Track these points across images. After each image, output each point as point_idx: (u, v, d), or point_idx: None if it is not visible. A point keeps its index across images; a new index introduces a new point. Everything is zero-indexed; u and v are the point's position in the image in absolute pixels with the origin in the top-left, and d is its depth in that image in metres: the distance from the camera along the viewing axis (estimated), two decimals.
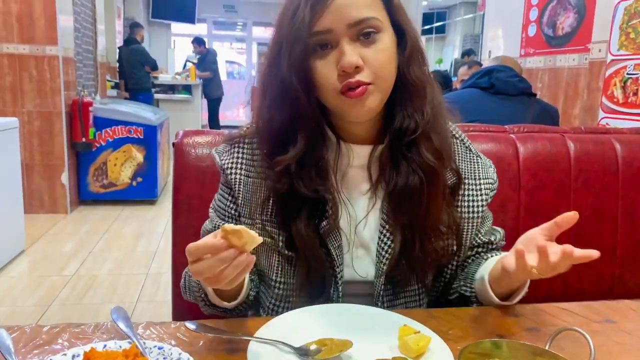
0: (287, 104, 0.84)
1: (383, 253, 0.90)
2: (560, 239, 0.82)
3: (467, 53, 7.98)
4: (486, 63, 2.53)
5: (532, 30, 3.81)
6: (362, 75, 0.80)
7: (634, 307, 0.92)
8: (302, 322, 0.77)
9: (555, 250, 0.73)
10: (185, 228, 1.21)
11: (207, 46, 8.51)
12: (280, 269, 0.91)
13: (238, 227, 0.66)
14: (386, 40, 0.83)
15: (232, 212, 0.94)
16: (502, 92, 2.23)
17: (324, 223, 0.87)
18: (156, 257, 3.45)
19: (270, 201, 0.89)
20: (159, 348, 0.68)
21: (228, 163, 0.94)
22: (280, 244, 0.89)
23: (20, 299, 2.86)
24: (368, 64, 0.80)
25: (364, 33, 0.80)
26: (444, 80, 4.09)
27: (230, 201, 0.94)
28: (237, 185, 0.92)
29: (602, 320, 0.86)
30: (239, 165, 0.93)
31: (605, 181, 1.44)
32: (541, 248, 0.73)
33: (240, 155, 0.94)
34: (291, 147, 0.85)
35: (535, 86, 3.58)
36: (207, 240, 0.68)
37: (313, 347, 0.70)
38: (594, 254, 0.73)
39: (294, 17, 0.80)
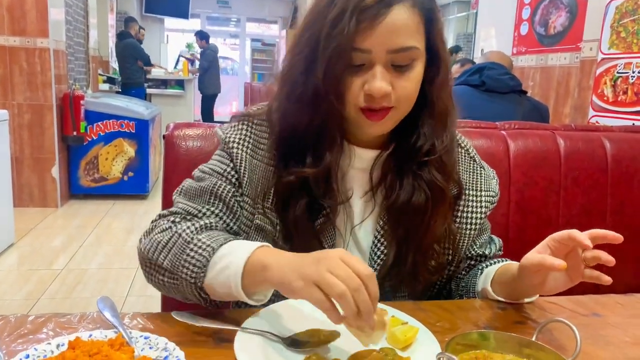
0: (318, 114, 0.81)
1: (375, 259, 0.90)
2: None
3: (453, 50, 7.94)
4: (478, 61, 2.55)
5: (524, 29, 3.83)
6: (387, 101, 0.79)
7: (620, 302, 0.93)
8: (290, 313, 0.77)
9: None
10: None
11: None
12: None
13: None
14: (418, 68, 0.81)
15: (233, 179, 0.89)
16: (493, 90, 2.24)
17: (320, 220, 0.86)
18: None
19: (272, 189, 0.88)
20: (145, 337, 0.68)
21: (234, 137, 0.90)
22: (277, 233, 0.88)
23: (8, 292, 2.83)
24: (395, 91, 0.79)
25: (399, 64, 0.79)
26: None
27: (231, 167, 0.89)
28: (240, 162, 0.88)
29: (589, 313, 0.87)
30: (244, 143, 0.89)
31: (595, 178, 1.45)
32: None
33: (247, 133, 0.90)
34: (311, 157, 0.84)
35: (527, 85, 3.59)
36: None
37: (301, 337, 0.70)
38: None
39: (335, 26, 0.76)
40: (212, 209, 0.87)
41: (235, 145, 0.89)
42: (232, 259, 0.73)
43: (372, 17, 0.75)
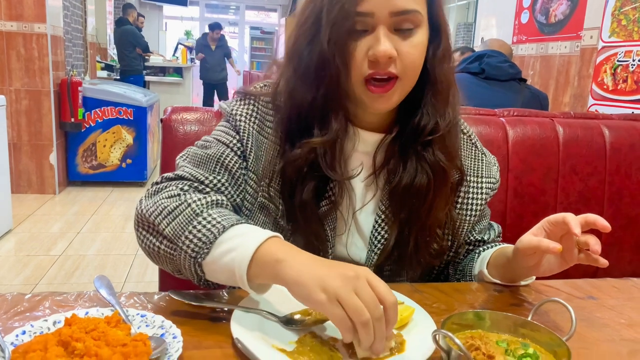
0: (324, 82, 0.80)
1: (375, 242, 0.90)
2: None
3: None
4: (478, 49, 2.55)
5: (525, 18, 3.81)
6: (393, 67, 0.78)
7: (616, 285, 0.93)
8: (286, 293, 0.77)
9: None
10: None
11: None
12: None
13: None
14: (421, 35, 0.80)
15: (238, 151, 0.87)
16: (493, 78, 2.24)
17: (324, 202, 0.86)
18: None
19: (278, 171, 0.86)
20: (142, 316, 0.68)
21: (241, 110, 0.89)
22: (280, 213, 0.87)
23: (6, 277, 2.84)
24: (400, 57, 0.78)
25: (402, 28, 0.78)
26: None
27: (237, 140, 0.88)
28: (248, 136, 0.87)
29: (585, 296, 0.87)
30: (251, 118, 0.88)
31: (593, 166, 1.45)
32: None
33: (254, 108, 0.89)
34: (318, 129, 0.83)
35: (527, 73, 3.58)
36: None
37: (297, 316, 0.70)
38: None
39: None
40: (219, 177, 0.85)
41: (243, 118, 0.88)
42: (241, 242, 0.69)
43: None
